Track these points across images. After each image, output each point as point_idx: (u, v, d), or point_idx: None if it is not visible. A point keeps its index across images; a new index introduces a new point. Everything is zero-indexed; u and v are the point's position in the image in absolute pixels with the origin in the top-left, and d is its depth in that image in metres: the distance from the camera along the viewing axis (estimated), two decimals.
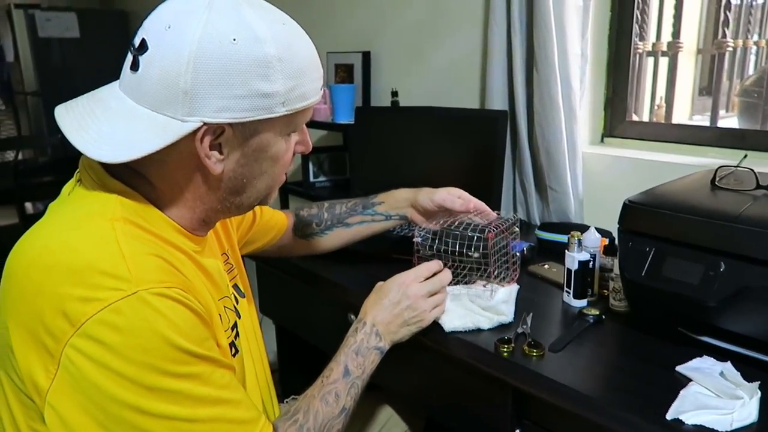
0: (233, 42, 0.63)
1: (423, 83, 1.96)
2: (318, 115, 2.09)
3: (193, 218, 0.74)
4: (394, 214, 1.16)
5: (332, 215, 1.18)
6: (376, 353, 0.90)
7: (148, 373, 0.59)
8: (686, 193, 0.97)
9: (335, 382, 0.83)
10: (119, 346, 0.58)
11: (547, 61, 1.45)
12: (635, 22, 1.55)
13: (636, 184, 1.11)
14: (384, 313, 0.93)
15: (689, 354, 0.89)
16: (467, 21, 1.76)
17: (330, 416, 0.80)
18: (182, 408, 0.62)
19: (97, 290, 0.59)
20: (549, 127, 1.49)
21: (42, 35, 3.47)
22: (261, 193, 0.77)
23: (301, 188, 2.21)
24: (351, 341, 0.89)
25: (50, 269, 0.61)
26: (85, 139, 0.66)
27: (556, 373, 0.88)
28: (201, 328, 0.65)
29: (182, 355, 0.61)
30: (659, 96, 1.77)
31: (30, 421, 0.64)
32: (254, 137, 0.70)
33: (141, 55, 0.65)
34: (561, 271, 1.15)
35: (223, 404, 0.66)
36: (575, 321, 1.02)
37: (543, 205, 1.60)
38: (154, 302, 0.60)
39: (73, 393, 0.59)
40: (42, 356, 0.59)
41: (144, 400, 0.59)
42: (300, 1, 2.36)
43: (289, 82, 0.67)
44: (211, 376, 0.65)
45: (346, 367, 0.85)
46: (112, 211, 0.65)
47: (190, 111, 0.64)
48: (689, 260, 0.87)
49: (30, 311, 0.60)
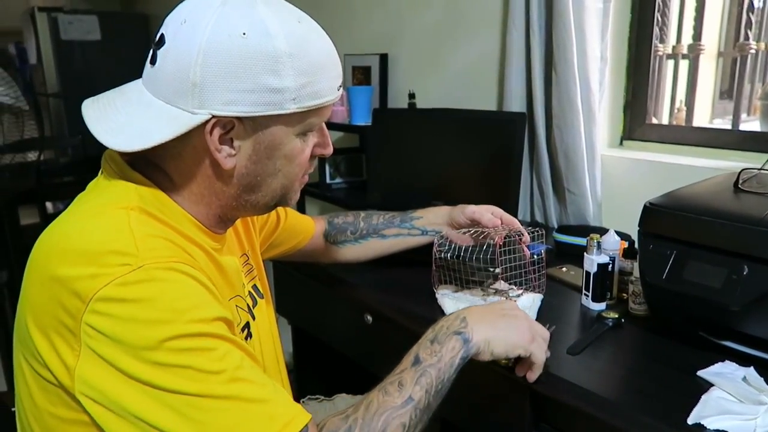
0: (243, 36, 0.64)
1: (440, 85, 1.96)
2: (335, 116, 2.10)
3: (209, 214, 0.75)
4: (431, 230, 1.16)
5: (368, 225, 1.17)
6: (456, 339, 0.76)
7: (156, 346, 0.58)
8: (709, 195, 0.95)
9: (401, 372, 0.73)
10: (126, 318, 0.58)
11: (567, 63, 1.44)
12: (655, 24, 1.54)
13: (655, 187, 1.10)
14: (481, 310, 0.82)
15: (710, 359, 0.88)
16: (485, 23, 1.76)
17: (388, 406, 0.68)
18: (193, 383, 0.59)
19: (106, 267, 0.59)
20: (568, 129, 1.48)
21: (64, 38, 3.53)
22: (277, 193, 0.76)
23: (318, 189, 2.21)
24: (428, 332, 0.79)
25: (66, 253, 0.62)
26: (103, 128, 0.67)
27: (575, 375, 0.87)
28: (212, 305, 0.64)
29: (190, 327, 0.60)
30: (679, 99, 1.75)
31: (50, 406, 0.64)
32: (265, 134, 0.69)
33: (159, 49, 0.67)
34: (579, 274, 1.14)
35: (242, 383, 0.61)
36: (594, 324, 1.02)
37: (561, 207, 1.59)
38: (161, 275, 0.60)
39: (94, 369, 0.59)
40: (66, 336, 0.60)
41: (154, 374, 0.58)
42: (318, 4, 2.38)
43: (301, 78, 0.67)
44: (226, 354, 0.62)
45: (416, 356, 0.75)
46: (128, 201, 0.67)
47: (200, 103, 0.65)
48: (712, 264, 0.86)
49: (50, 295, 0.61)
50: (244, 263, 0.90)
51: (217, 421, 0.59)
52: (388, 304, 1.15)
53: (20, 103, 1.74)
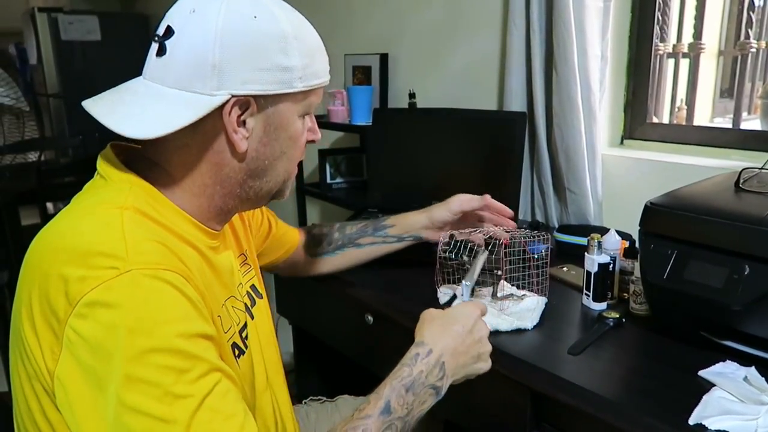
0: (255, 18, 0.68)
1: (440, 85, 1.96)
2: (335, 116, 2.10)
3: (210, 207, 0.75)
4: (408, 236, 1.16)
5: (344, 235, 1.17)
6: (431, 394, 0.76)
7: (131, 357, 0.57)
8: (710, 195, 0.95)
9: (367, 418, 0.70)
10: (108, 324, 0.58)
11: (567, 63, 1.44)
12: (656, 23, 1.54)
13: (656, 187, 1.10)
14: (456, 341, 0.79)
15: (711, 358, 0.88)
16: (485, 22, 1.76)
17: None
18: (159, 405, 0.57)
19: (94, 270, 0.59)
20: (568, 128, 1.48)
21: (65, 38, 3.53)
22: (279, 179, 0.78)
23: (318, 189, 2.21)
24: (404, 372, 0.75)
25: (58, 252, 0.62)
26: (116, 120, 0.68)
27: (576, 375, 0.87)
28: (193, 321, 0.62)
29: (169, 342, 0.59)
30: (680, 98, 1.75)
31: (40, 406, 0.64)
32: (275, 114, 0.72)
33: (167, 40, 0.68)
34: (580, 274, 1.14)
35: (208, 412, 0.59)
36: (595, 324, 1.02)
37: (561, 207, 1.58)
38: (146, 283, 0.60)
39: (71, 374, 0.59)
40: (50, 339, 0.60)
41: (122, 390, 0.57)
42: (318, 4, 2.38)
43: (305, 59, 0.71)
44: (198, 378, 0.60)
45: (387, 403, 0.71)
46: (123, 200, 0.67)
47: (219, 84, 0.67)
48: (713, 263, 0.85)
49: (40, 293, 0.61)
50: (242, 263, 0.90)
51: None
52: (389, 305, 1.15)
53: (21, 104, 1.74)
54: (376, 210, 1.66)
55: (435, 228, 1.14)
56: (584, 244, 1.11)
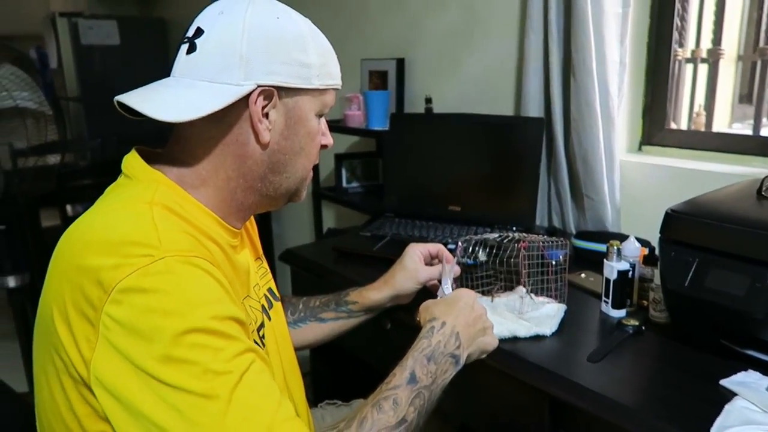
0: (277, 19, 0.74)
1: (457, 90, 1.96)
2: (352, 121, 2.11)
3: (232, 202, 0.78)
4: (373, 310, 1.09)
5: (306, 308, 1.09)
6: (451, 363, 0.81)
7: (169, 339, 0.59)
8: (731, 202, 0.95)
9: (396, 388, 0.74)
10: (144, 309, 0.60)
11: (585, 68, 1.43)
12: (674, 28, 1.53)
13: (674, 193, 1.09)
14: (464, 315, 0.86)
15: (733, 367, 0.87)
16: (502, 27, 1.76)
17: (382, 425, 0.69)
18: (198, 381, 0.59)
19: (128, 258, 0.62)
20: (586, 134, 1.47)
21: (84, 42, 3.57)
22: (297, 176, 0.81)
23: (334, 193, 2.22)
24: (423, 344, 0.80)
25: (90, 244, 0.65)
26: (151, 107, 0.70)
27: (595, 383, 0.87)
28: (226, 304, 0.65)
29: (204, 323, 0.61)
30: (698, 103, 1.73)
31: (68, 401, 0.65)
32: (295, 108, 0.77)
33: (197, 38, 0.74)
34: (598, 281, 1.14)
35: (247, 388, 0.61)
36: (614, 331, 1.01)
37: (579, 213, 1.58)
38: (180, 268, 0.63)
39: (110, 360, 0.60)
40: (85, 328, 0.62)
41: (162, 368, 0.59)
42: (335, 9, 2.39)
43: (321, 58, 0.77)
44: (235, 356, 0.62)
45: (412, 373, 0.76)
46: (150, 196, 0.70)
47: (246, 75, 0.72)
48: (735, 271, 0.85)
49: (73, 286, 0.63)
50: (259, 266, 0.93)
51: (215, 424, 0.59)
52: (407, 310, 1.15)
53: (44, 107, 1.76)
54: (392, 215, 1.67)
55: (405, 296, 1.08)
56: (602, 251, 1.10)
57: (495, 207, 1.56)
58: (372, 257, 1.39)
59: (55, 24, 3.54)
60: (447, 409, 1.18)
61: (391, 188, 1.73)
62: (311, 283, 1.48)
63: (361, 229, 1.61)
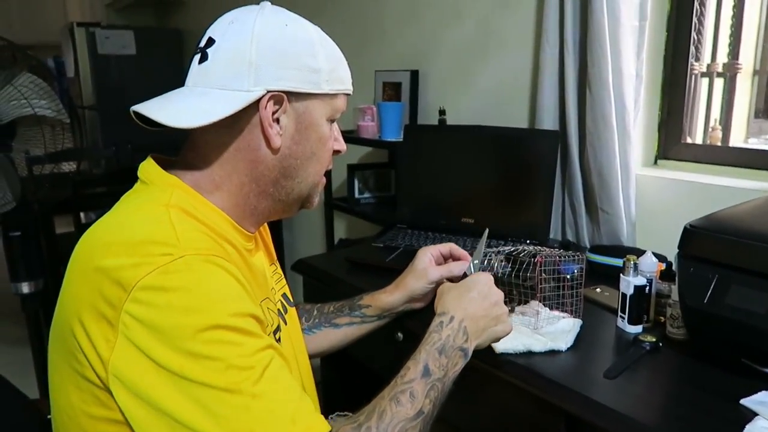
0: (286, 26, 0.76)
1: (471, 102, 1.96)
2: (365, 132, 2.11)
3: (246, 206, 0.79)
4: (387, 314, 1.07)
5: (321, 314, 1.09)
6: (460, 356, 0.83)
7: (190, 336, 0.60)
8: (752, 218, 0.93)
9: (411, 382, 0.76)
10: (165, 306, 0.60)
11: (601, 81, 1.43)
12: (691, 42, 1.52)
13: (691, 208, 1.08)
14: (474, 306, 0.86)
15: (753, 387, 0.85)
16: (517, 40, 1.76)
17: (402, 417, 0.71)
18: (222, 376, 0.60)
19: (148, 257, 0.62)
20: (601, 147, 1.46)
21: (101, 52, 3.62)
22: (309, 181, 0.82)
23: (346, 204, 2.22)
24: (434, 338, 0.82)
25: (108, 246, 0.65)
26: (164, 114, 0.72)
27: (612, 400, 0.85)
28: (245, 301, 0.66)
29: (225, 319, 0.62)
30: (713, 118, 1.72)
31: (84, 404, 0.66)
32: (306, 113, 0.78)
33: (209, 47, 0.75)
34: (613, 295, 1.13)
35: (269, 383, 0.63)
36: (630, 347, 1.00)
37: (593, 227, 1.57)
38: (199, 266, 0.64)
39: (129, 359, 0.61)
40: (103, 328, 0.62)
41: (185, 364, 0.60)
42: (350, 21, 2.40)
43: (330, 63, 0.78)
44: (256, 353, 0.63)
45: (426, 366, 0.78)
46: (167, 199, 0.71)
47: (256, 81, 0.73)
48: (756, 288, 0.83)
49: (91, 287, 0.63)
50: (274, 271, 0.94)
51: (239, 418, 0.60)
52: (419, 322, 1.14)
53: (61, 116, 1.79)
54: (405, 226, 1.66)
55: (417, 300, 1.06)
56: (617, 265, 1.09)
57: (508, 220, 1.55)
58: (385, 268, 1.39)
59: (73, 34, 3.59)
60: (461, 424, 1.17)
61: (404, 199, 1.72)
62: (323, 293, 1.48)
63: (373, 240, 1.61)
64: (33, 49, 2.09)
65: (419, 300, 1.06)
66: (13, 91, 1.70)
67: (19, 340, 2.52)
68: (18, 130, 1.81)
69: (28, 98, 1.71)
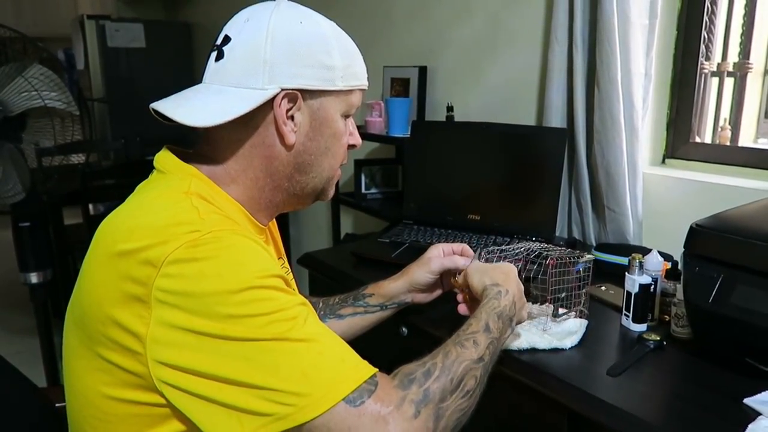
0: (300, 23, 0.76)
1: (479, 99, 1.96)
2: (373, 127, 2.11)
3: (261, 199, 0.81)
4: (390, 303, 1.07)
5: (326, 305, 1.09)
6: (509, 325, 0.86)
7: (225, 300, 0.61)
8: (759, 218, 0.93)
9: (475, 333, 0.79)
10: (197, 275, 0.62)
11: (610, 80, 1.43)
12: (701, 41, 1.51)
13: (698, 208, 1.08)
14: (518, 288, 0.91)
15: (757, 386, 0.85)
16: (526, 37, 1.76)
17: (466, 357, 0.74)
18: (266, 329, 0.62)
19: (175, 236, 0.64)
20: (609, 146, 1.46)
21: (111, 45, 3.63)
22: (324, 176, 0.83)
23: (353, 199, 2.23)
24: (494, 304, 0.85)
25: (133, 230, 0.67)
26: (181, 112, 0.74)
27: (615, 397, 0.86)
28: (274, 265, 0.69)
29: (258, 280, 0.64)
30: (722, 118, 1.71)
31: (105, 387, 0.67)
32: (320, 109, 0.79)
33: (225, 45, 0.76)
34: (619, 294, 1.13)
35: (313, 330, 0.65)
36: (635, 345, 1.00)
37: (600, 225, 1.56)
38: (228, 237, 0.66)
39: (167, 332, 0.62)
40: (134, 307, 0.63)
41: (226, 326, 0.61)
42: (359, 16, 2.40)
43: (345, 59, 0.79)
44: (293, 306, 0.65)
45: (487, 324, 0.81)
46: (187, 187, 0.73)
47: (270, 79, 0.74)
48: (761, 288, 0.83)
49: (116, 271, 0.65)
50: (282, 266, 0.94)
51: (291, 363, 0.62)
52: (423, 317, 1.15)
53: (72, 108, 1.79)
54: (411, 222, 1.67)
55: (418, 291, 1.06)
56: (623, 264, 1.09)
57: (515, 217, 1.55)
58: (390, 264, 1.39)
59: (83, 26, 3.60)
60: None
61: (411, 195, 1.72)
62: (329, 287, 1.48)
63: (379, 235, 1.61)
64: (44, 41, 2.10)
65: (421, 290, 1.06)
66: (23, 83, 1.71)
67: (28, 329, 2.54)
68: (28, 122, 1.82)
69: (39, 90, 1.72)
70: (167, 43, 3.80)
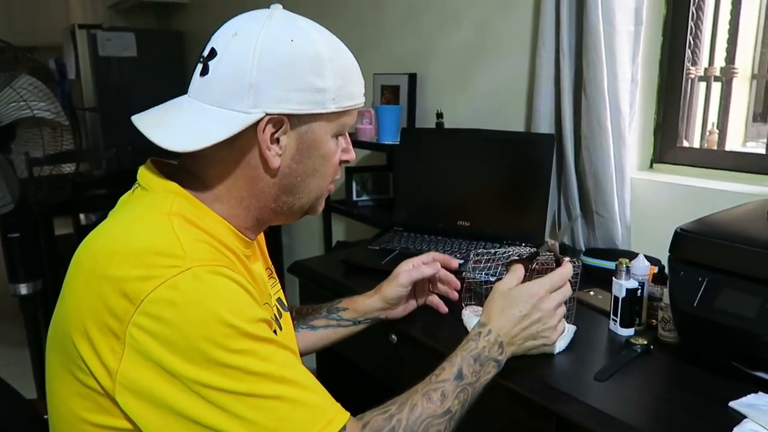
0: (291, 42, 0.72)
1: (468, 105, 1.97)
2: (363, 134, 2.12)
3: (247, 217, 0.79)
4: (363, 319, 1.08)
5: (299, 315, 1.09)
6: (493, 366, 0.85)
7: (206, 347, 0.61)
8: (743, 222, 0.94)
9: (444, 382, 0.79)
10: (176, 320, 0.61)
11: (597, 86, 1.44)
12: (687, 46, 1.53)
13: (686, 212, 1.08)
14: (511, 325, 0.88)
15: (743, 389, 0.86)
16: (514, 44, 1.77)
17: (430, 413, 0.75)
18: (243, 383, 0.62)
19: (155, 269, 0.63)
20: (597, 151, 1.47)
21: (102, 54, 3.63)
22: (312, 195, 0.81)
23: (344, 206, 2.23)
24: (471, 345, 0.85)
25: (113, 254, 0.65)
26: (161, 133, 0.72)
27: (603, 402, 0.86)
28: (254, 307, 0.67)
29: (238, 329, 0.63)
30: (710, 122, 1.73)
31: (86, 412, 0.66)
32: (308, 132, 0.75)
33: (210, 60, 0.73)
34: (607, 299, 1.13)
35: (287, 384, 0.66)
36: (622, 350, 1.00)
37: (588, 230, 1.57)
38: (207, 278, 0.64)
39: (140, 370, 0.62)
40: (108, 339, 0.62)
41: (204, 373, 0.61)
42: (349, 24, 2.41)
43: (339, 80, 0.74)
44: (271, 355, 0.66)
45: (460, 370, 0.81)
46: (168, 207, 0.71)
47: (255, 103, 0.71)
48: (745, 292, 0.84)
49: (94, 296, 0.64)
50: (269, 275, 0.94)
51: (264, 419, 0.63)
52: (413, 324, 1.15)
53: (60, 118, 1.79)
54: (401, 229, 1.67)
55: (392, 307, 1.07)
56: (611, 268, 1.10)
57: (504, 223, 1.56)
58: (380, 271, 1.39)
59: (75, 35, 3.60)
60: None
61: (401, 202, 1.73)
62: (319, 295, 1.48)
63: (370, 242, 1.61)
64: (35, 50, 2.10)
65: (394, 306, 1.07)
66: (12, 94, 1.71)
67: (18, 341, 2.53)
68: (18, 132, 1.82)
69: (27, 100, 1.71)
70: (159, 52, 3.80)
